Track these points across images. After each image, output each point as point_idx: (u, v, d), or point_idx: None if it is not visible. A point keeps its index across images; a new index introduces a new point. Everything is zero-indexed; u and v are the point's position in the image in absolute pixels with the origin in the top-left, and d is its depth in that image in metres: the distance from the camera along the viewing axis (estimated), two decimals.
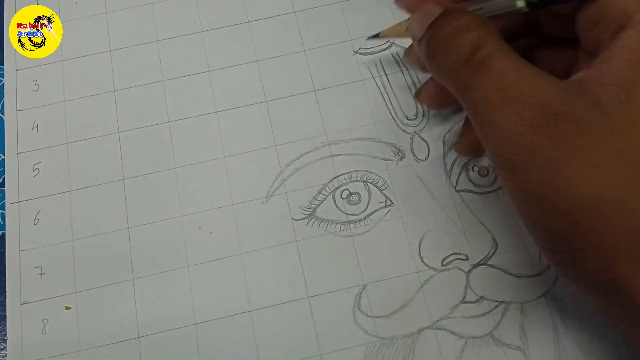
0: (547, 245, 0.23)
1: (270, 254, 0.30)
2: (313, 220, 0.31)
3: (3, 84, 0.35)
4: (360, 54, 0.35)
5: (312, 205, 0.31)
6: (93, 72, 0.35)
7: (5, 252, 0.31)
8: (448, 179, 0.31)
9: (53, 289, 0.30)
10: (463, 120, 0.31)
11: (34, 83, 0.35)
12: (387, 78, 0.34)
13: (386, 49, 0.35)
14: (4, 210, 0.32)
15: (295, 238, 0.31)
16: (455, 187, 0.31)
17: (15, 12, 0.37)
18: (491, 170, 0.31)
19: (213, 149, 0.33)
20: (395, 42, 0.35)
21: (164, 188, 0.32)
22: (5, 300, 0.30)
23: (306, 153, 0.32)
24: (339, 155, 0.32)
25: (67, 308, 0.30)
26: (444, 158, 0.32)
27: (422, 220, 0.31)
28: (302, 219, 0.31)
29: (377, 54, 0.34)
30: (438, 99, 0.30)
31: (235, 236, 0.31)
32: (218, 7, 0.36)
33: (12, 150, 0.33)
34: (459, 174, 0.31)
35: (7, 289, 0.30)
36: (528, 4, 0.24)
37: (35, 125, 0.34)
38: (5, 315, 0.30)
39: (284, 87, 0.34)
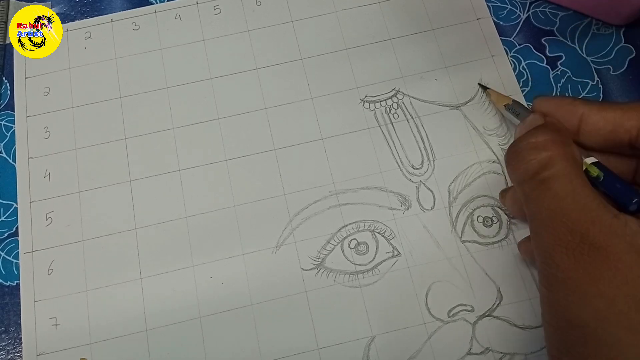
0: (554, 351, 0.24)
1: (280, 304, 0.31)
2: (322, 270, 0.32)
3: (14, 130, 0.36)
4: (366, 101, 0.35)
5: (321, 255, 0.32)
6: (103, 115, 0.35)
7: (20, 302, 0.32)
8: (453, 229, 0.32)
9: (68, 340, 0.31)
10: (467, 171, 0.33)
11: (45, 130, 0.35)
12: (393, 126, 0.35)
13: (391, 97, 0.35)
14: (18, 260, 0.33)
15: (305, 289, 0.31)
16: (460, 238, 0.32)
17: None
18: (495, 221, 0.32)
19: (223, 197, 0.33)
20: (400, 90, 0.35)
21: (177, 244, 0.32)
22: (22, 352, 0.31)
23: (314, 202, 0.33)
24: (346, 204, 0.33)
25: (83, 359, 0.31)
26: (449, 208, 0.33)
27: (429, 271, 0.31)
28: (311, 269, 0.32)
29: (382, 102, 0.35)
30: (518, 207, 0.31)
31: (246, 286, 0.31)
32: (226, 54, 0.37)
33: (24, 199, 0.34)
34: (464, 224, 0.32)
35: (23, 341, 0.31)
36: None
37: (47, 173, 0.34)
38: None
39: (292, 135, 0.35)
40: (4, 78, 0.37)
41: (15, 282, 0.32)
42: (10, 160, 0.35)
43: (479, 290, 0.31)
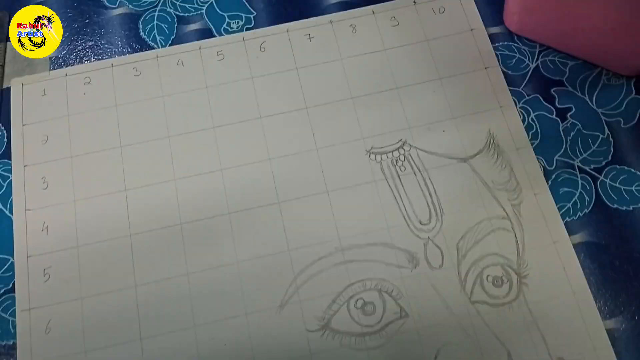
0: None
1: None
2: (328, 332, 0.31)
3: (11, 180, 0.35)
4: (372, 153, 0.34)
5: (327, 316, 0.31)
6: (103, 165, 0.35)
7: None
8: (463, 289, 0.31)
9: None
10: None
11: (43, 181, 0.35)
12: (400, 180, 0.34)
13: (398, 148, 0.34)
14: (15, 317, 0.32)
15: (310, 352, 0.31)
16: (470, 298, 0.31)
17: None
18: (505, 281, 0.32)
19: (226, 253, 0.32)
20: (407, 142, 0.35)
21: (177, 298, 0.32)
22: None
23: (320, 259, 0.32)
24: (352, 261, 0.32)
25: None
26: (458, 266, 0.32)
27: (438, 333, 0.31)
28: (316, 330, 0.31)
29: (389, 153, 0.34)
30: None
31: (249, 348, 0.31)
32: (229, 102, 0.36)
33: (21, 254, 0.33)
34: (474, 283, 0.32)
35: None
36: None
37: (44, 226, 0.34)
38: None
39: (297, 188, 0.34)
40: (0, 125, 0.36)
41: (12, 341, 0.31)
42: (7, 212, 0.34)
43: (489, 354, 0.30)
